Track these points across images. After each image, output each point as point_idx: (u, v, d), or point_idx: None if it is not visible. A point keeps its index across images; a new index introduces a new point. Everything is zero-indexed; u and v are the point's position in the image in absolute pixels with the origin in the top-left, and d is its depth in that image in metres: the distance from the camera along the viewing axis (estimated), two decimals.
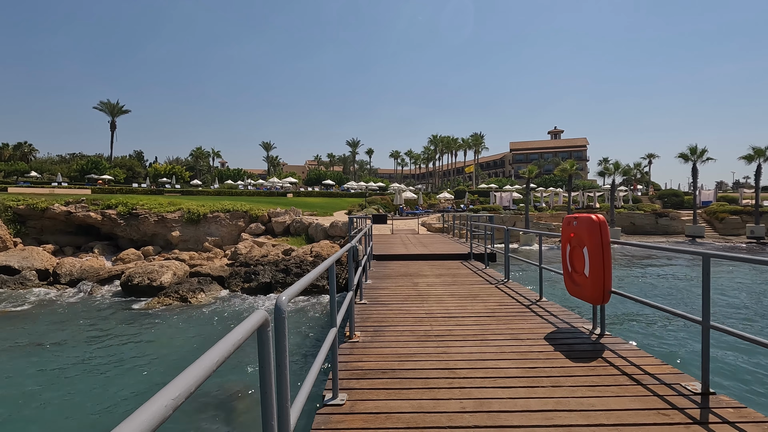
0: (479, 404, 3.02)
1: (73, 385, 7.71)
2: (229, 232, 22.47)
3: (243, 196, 38.27)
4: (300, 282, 2.12)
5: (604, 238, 4.37)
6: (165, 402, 0.76)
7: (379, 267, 10.00)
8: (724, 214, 33.33)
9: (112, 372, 8.26)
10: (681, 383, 3.30)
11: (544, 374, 3.54)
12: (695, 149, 33.25)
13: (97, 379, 7.97)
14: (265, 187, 55.99)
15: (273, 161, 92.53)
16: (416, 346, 4.31)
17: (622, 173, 36.19)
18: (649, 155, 65.80)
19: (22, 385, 7.78)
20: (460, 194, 50.00)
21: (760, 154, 30.65)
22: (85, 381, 7.87)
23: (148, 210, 21.87)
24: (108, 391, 7.40)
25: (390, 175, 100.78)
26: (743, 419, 2.74)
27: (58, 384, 7.78)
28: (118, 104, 64.74)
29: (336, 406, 3.00)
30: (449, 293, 6.92)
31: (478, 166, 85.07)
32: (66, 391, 7.43)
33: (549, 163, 77.53)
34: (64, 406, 6.90)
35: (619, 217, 34.29)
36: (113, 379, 7.95)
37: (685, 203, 41.09)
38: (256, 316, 1.37)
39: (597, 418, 2.81)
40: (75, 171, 51.90)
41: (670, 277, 17.57)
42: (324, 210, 31.49)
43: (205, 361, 0.97)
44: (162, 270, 15.43)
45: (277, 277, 15.43)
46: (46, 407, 6.89)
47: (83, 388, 7.55)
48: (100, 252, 20.27)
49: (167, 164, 67.34)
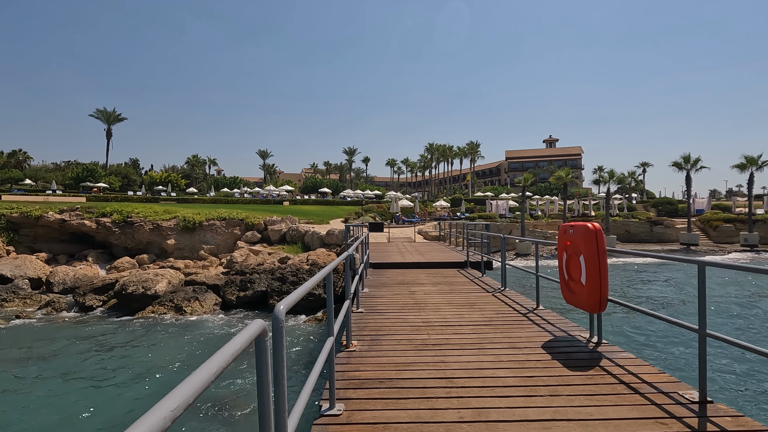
0: (477, 413, 3.00)
1: (67, 397, 7.58)
2: (225, 240, 22.37)
3: (239, 204, 38.19)
4: (297, 291, 2.12)
5: (600, 246, 4.39)
6: (164, 413, 0.75)
7: (375, 275, 9.98)
8: (718, 222, 33.58)
9: (107, 383, 8.14)
10: (678, 392, 3.30)
11: (541, 383, 3.53)
12: (689, 158, 33.57)
13: (91, 391, 7.85)
14: (261, 195, 55.93)
15: (269, 169, 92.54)
16: (413, 355, 4.28)
17: (616, 182, 36.45)
18: (644, 164, 66.42)
19: (11, 399, 7.64)
20: (456, 202, 50.13)
21: (753, 162, 31.01)
22: (79, 393, 7.74)
23: (143, 218, 21.75)
24: (103, 404, 7.28)
25: (386, 183, 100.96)
26: (741, 428, 2.74)
27: (50, 397, 7.65)
28: (114, 112, 64.67)
29: (333, 417, 2.97)
30: (446, 302, 6.90)
31: (474, 174, 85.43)
32: (60, 404, 7.31)
33: (544, 172, 78.01)
34: (58, 420, 6.77)
35: (615, 225, 34.46)
36: (108, 390, 7.83)
37: (680, 211, 41.34)
38: (254, 326, 1.37)
39: (595, 427, 2.79)
40: (70, 179, 51.64)
41: (665, 285, 17.63)
42: (320, 218, 31.45)
43: (204, 372, 0.96)
44: (157, 278, 15.30)
45: (273, 285, 15.34)
46: (39, 421, 6.76)
47: (77, 400, 7.43)
48: (94, 260, 20.10)
49: (163, 172, 67.19)
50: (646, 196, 55.91)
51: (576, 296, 4.69)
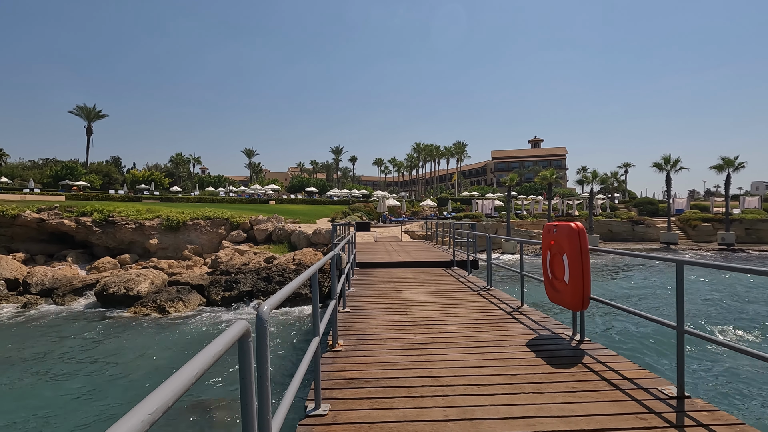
0: (462, 412, 3.03)
1: (41, 402, 7.38)
2: (210, 240, 22.07)
3: (224, 203, 37.70)
4: (282, 291, 2.10)
5: (583, 245, 4.46)
6: (142, 417, 0.74)
7: (362, 275, 9.97)
8: (697, 221, 34.48)
9: (86, 387, 7.94)
10: (658, 387, 3.37)
11: (526, 380, 3.58)
12: (669, 159, 34.37)
13: (69, 394, 7.66)
14: (247, 193, 55.35)
15: (255, 168, 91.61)
16: (399, 354, 4.29)
17: (600, 182, 37.15)
18: (626, 164, 67.67)
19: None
20: (443, 202, 50.42)
21: (730, 164, 31.92)
22: (54, 398, 7.54)
23: (125, 217, 21.31)
24: (81, 408, 7.11)
25: (373, 183, 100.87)
26: (717, 422, 2.82)
27: (23, 400, 7.45)
28: (95, 109, 63.09)
29: (318, 417, 2.96)
30: (432, 300, 6.94)
31: (461, 174, 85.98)
32: (33, 408, 7.11)
33: (529, 172, 78.94)
34: (33, 426, 6.60)
35: (598, 224, 35.09)
36: (87, 394, 7.65)
37: (660, 211, 42.34)
38: (237, 326, 1.35)
39: (578, 423, 2.84)
40: (48, 177, 50.29)
41: (647, 283, 18.02)
42: (307, 217, 31.26)
43: (184, 374, 0.95)
44: (139, 279, 15.02)
45: (258, 285, 15.20)
46: (13, 428, 6.57)
47: (52, 405, 7.23)
48: (73, 260, 19.61)
49: (146, 170, 65.94)
50: (628, 196, 57.12)
51: (559, 294, 4.77)
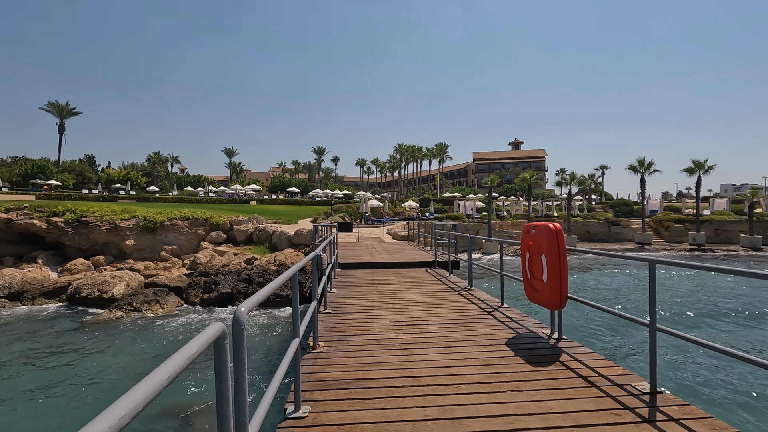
0: (442, 411, 3.05)
1: (8, 407, 7.09)
2: (188, 241, 21.63)
3: (204, 204, 36.99)
4: (260, 292, 2.07)
5: (561, 245, 4.55)
6: (109, 423, 0.71)
7: (344, 275, 9.93)
8: (669, 222, 35.63)
9: (54, 393, 7.66)
10: (631, 384, 3.47)
11: (505, 379, 3.62)
12: (643, 161, 35.41)
13: (37, 401, 7.37)
14: (227, 194, 54.45)
15: (236, 168, 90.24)
16: (381, 354, 4.29)
17: (577, 183, 37.96)
18: (602, 166, 69.28)
19: None
20: (425, 203, 50.67)
21: (700, 167, 33.09)
22: (18, 403, 7.25)
23: (100, 217, 20.69)
24: (45, 414, 6.86)
25: (356, 183, 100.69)
26: (687, 416, 2.91)
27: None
28: (68, 105, 61.04)
29: (298, 419, 2.93)
30: (414, 301, 6.96)
31: (443, 175, 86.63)
32: (1, 415, 6.83)
33: (510, 173, 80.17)
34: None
35: (575, 225, 35.86)
36: (51, 399, 7.37)
37: (635, 212, 43.55)
38: (212, 328, 1.32)
39: (555, 420, 2.90)
40: (18, 176, 48.35)
41: (621, 282, 18.52)
42: (288, 218, 30.95)
43: (155, 378, 0.92)
44: (114, 281, 14.61)
45: (239, 287, 14.97)
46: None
47: (15, 410, 6.96)
48: (44, 262, 18.92)
49: (121, 170, 64.13)
50: (605, 198, 58.50)
51: (538, 294, 4.85)
